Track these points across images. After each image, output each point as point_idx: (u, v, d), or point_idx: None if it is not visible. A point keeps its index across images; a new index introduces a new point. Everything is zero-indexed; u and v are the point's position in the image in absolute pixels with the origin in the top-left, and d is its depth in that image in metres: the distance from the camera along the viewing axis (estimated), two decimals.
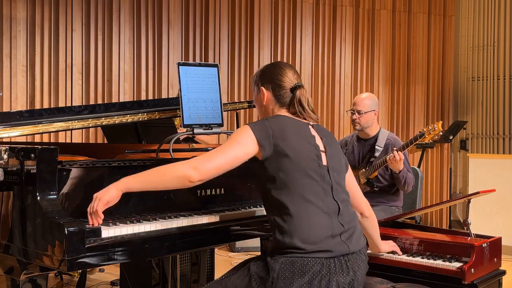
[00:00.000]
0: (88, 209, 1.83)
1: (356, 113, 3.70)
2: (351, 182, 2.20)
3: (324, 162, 2.01)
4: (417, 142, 3.52)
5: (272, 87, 2.10)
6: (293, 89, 2.08)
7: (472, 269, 2.47)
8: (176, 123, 3.39)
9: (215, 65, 2.58)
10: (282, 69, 2.13)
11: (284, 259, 1.84)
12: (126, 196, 2.07)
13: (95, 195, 1.84)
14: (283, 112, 2.09)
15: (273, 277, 1.82)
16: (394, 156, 3.42)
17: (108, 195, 1.82)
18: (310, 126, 2.08)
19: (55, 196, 1.80)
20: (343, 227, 1.94)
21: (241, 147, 1.93)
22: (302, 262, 1.82)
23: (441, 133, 3.50)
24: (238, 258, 4.79)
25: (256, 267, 1.90)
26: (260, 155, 1.94)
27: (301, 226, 1.86)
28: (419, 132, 3.54)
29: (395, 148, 3.48)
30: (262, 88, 2.12)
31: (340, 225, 1.93)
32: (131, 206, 2.08)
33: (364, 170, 3.68)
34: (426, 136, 3.48)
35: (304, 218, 1.88)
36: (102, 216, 1.83)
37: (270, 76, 2.12)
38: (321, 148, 2.04)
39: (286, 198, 1.90)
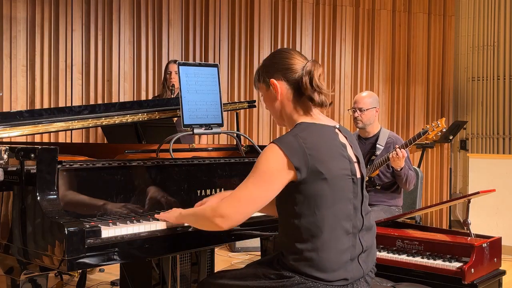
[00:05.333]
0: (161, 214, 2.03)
1: (358, 111, 3.71)
2: None
3: (358, 174, 1.86)
4: (420, 139, 3.52)
5: (283, 75, 1.84)
6: (305, 66, 1.82)
7: (472, 269, 2.47)
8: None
9: (215, 65, 2.58)
10: (288, 52, 1.87)
11: (298, 278, 1.75)
12: (126, 196, 2.07)
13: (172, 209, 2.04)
14: (306, 115, 1.87)
15: None
16: (397, 154, 3.42)
17: (169, 217, 2.00)
18: (337, 130, 1.88)
19: (55, 196, 1.80)
20: (363, 247, 1.85)
21: (275, 181, 1.72)
22: None
23: (444, 130, 3.49)
24: (238, 258, 4.79)
25: (263, 274, 1.82)
26: (295, 178, 1.73)
27: (324, 255, 1.74)
28: (423, 129, 3.54)
29: (397, 146, 3.48)
30: (272, 80, 1.85)
31: (360, 245, 1.84)
32: (131, 206, 2.08)
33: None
34: (430, 132, 3.49)
35: (330, 245, 1.76)
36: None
37: (277, 65, 1.86)
38: (354, 159, 1.87)
39: (314, 225, 1.75)
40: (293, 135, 1.77)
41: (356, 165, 1.87)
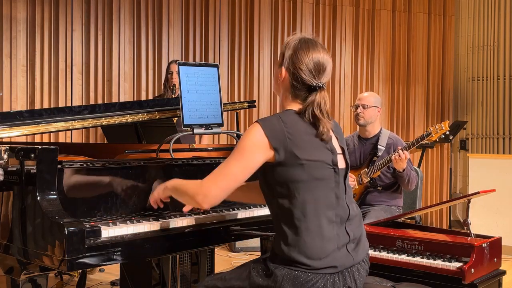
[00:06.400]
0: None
1: (361, 107, 3.71)
2: None
3: (342, 165, 1.91)
4: (423, 141, 3.53)
5: (291, 73, 1.90)
6: (312, 89, 1.88)
7: (472, 269, 2.47)
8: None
9: (215, 65, 2.58)
10: (311, 55, 1.89)
11: (287, 270, 1.77)
12: (126, 196, 2.07)
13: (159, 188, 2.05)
14: (295, 105, 1.91)
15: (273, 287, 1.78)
16: (399, 155, 3.43)
17: (157, 192, 2.02)
18: None
19: (55, 196, 1.80)
20: (349, 237, 1.86)
21: (253, 157, 1.79)
22: (306, 277, 1.76)
23: (447, 133, 3.51)
24: (238, 258, 4.79)
25: (256, 272, 1.84)
26: (273, 159, 1.80)
27: (309, 240, 1.78)
28: (426, 131, 3.55)
29: (399, 148, 3.48)
30: (283, 68, 1.92)
31: (346, 235, 1.86)
32: (131, 206, 2.08)
33: (366, 169, 3.69)
34: (433, 135, 3.50)
35: (314, 231, 1.79)
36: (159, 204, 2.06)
37: (295, 58, 1.89)
38: (338, 150, 1.91)
39: (297, 208, 1.79)
40: (277, 117, 1.85)
41: (340, 156, 1.92)
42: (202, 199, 1.82)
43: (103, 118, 2.46)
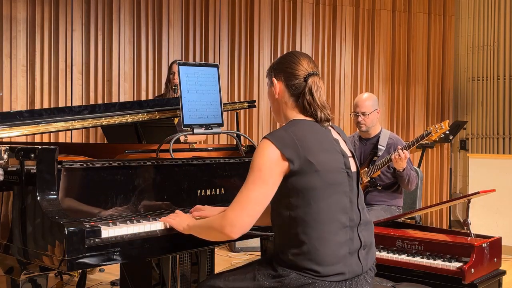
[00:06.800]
0: (166, 218, 1.99)
1: (361, 115, 3.71)
2: None
3: (354, 168, 1.90)
4: (423, 140, 3.53)
5: (285, 77, 1.91)
6: (306, 78, 1.89)
7: (472, 269, 2.47)
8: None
9: (215, 65, 2.58)
10: (296, 57, 1.93)
11: (295, 275, 1.77)
12: (126, 196, 2.07)
13: (178, 212, 2.04)
14: (297, 109, 1.92)
15: None
16: (399, 155, 3.43)
17: (176, 225, 1.96)
18: (330, 127, 1.94)
19: (55, 196, 1.80)
20: (361, 242, 1.85)
21: (272, 175, 1.76)
22: (314, 285, 1.75)
23: (447, 132, 3.51)
24: (238, 258, 4.79)
25: (263, 275, 1.83)
26: (288, 170, 1.78)
27: (321, 248, 1.76)
28: (426, 131, 3.55)
29: (399, 147, 3.48)
30: (274, 79, 1.94)
31: (358, 240, 1.85)
32: (131, 206, 2.08)
33: (366, 169, 3.69)
34: (433, 134, 3.50)
35: (326, 238, 1.77)
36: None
37: (282, 65, 1.94)
38: (348, 153, 1.91)
39: (310, 216, 1.77)
40: (284, 129, 1.84)
41: (350, 159, 1.91)
42: (231, 229, 1.76)
43: (103, 118, 2.46)
